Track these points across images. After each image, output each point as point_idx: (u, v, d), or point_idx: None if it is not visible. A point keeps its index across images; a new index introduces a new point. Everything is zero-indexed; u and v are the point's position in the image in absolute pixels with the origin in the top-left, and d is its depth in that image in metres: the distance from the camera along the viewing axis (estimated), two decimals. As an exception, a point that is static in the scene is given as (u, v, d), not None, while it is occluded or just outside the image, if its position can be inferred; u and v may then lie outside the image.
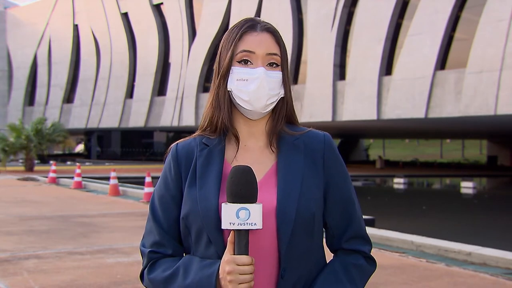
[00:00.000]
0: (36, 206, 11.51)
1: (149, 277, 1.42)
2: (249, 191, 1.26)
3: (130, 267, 5.84)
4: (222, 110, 1.44)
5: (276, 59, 1.42)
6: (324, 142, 1.46)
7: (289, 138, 1.45)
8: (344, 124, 25.98)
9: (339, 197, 1.45)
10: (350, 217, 1.46)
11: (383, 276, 5.54)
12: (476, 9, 19.65)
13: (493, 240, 8.64)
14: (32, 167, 25.03)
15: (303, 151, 1.44)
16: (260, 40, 1.42)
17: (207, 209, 1.35)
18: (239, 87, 1.40)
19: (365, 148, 56.59)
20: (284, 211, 1.35)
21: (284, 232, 1.34)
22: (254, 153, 1.45)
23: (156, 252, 1.43)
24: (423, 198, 19.49)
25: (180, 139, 1.51)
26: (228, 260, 1.26)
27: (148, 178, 13.41)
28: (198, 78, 30.99)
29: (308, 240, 1.38)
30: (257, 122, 1.46)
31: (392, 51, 22.69)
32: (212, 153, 1.43)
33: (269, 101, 1.40)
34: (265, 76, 1.39)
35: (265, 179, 1.40)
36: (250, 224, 1.24)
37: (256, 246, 1.34)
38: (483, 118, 19.98)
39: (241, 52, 1.41)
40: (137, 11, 35.66)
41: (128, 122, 35.96)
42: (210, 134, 1.47)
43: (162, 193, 1.46)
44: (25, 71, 44.59)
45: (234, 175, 1.27)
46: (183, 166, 1.44)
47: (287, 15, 25.93)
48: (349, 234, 1.46)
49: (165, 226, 1.43)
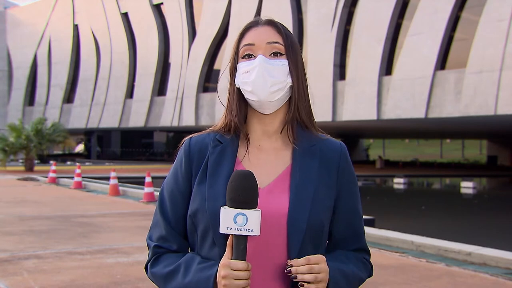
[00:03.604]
0: (36, 206, 11.51)
1: (151, 271, 1.43)
2: (248, 196, 1.24)
3: (130, 267, 5.84)
4: (233, 110, 1.43)
5: (278, 47, 1.40)
6: (340, 152, 1.45)
7: (306, 144, 1.43)
8: (344, 124, 25.98)
9: (347, 209, 1.44)
10: (354, 230, 1.46)
11: (383, 276, 5.53)
12: (476, 9, 19.65)
13: (493, 240, 8.64)
14: (32, 167, 25.03)
15: (318, 158, 1.42)
16: (260, 32, 1.42)
17: (214, 210, 1.33)
18: (244, 80, 1.39)
19: (365, 148, 56.62)
20: (295, 219, 1.33)
21: (295, 241, 1.32)
22: (268, 154, 1.43)
23: (160, 247, 1.43)
24: (423, 198, 19.48)
25: (194, 133, 1.49)
26: (224, 264, 1.25)
27: (148, 178, 13.40)
28: (198, 78, 30.99)
29: (314, 250, 1.36)
30: (272, 120, 1.43)
31: (392, 51, 22.69)
32: (225, 151, 1.42)
33: (273, 88, 1.37)
34: (264, 63, 1.37)
35: (276, 182, 1.38)
36: (247, 230, 1.23)
37: (264, 252, 1.33)
38: (483, 118, 19.98)
39: (243, 47, 1.41)
40: (137, 11, 35.65)
41: (128, 122, 35.95)
42: (225, 133, 1.45)
43: (171, 188, 1.45)
44: (25, 71, 44.59)
45: (234, 179, 1.25)
46: (195, 162, 1.43)
47: (287, 15, 25.92)
48: (351, 247, 1.46)
49: (172, 221, 1.43)
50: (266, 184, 1.38)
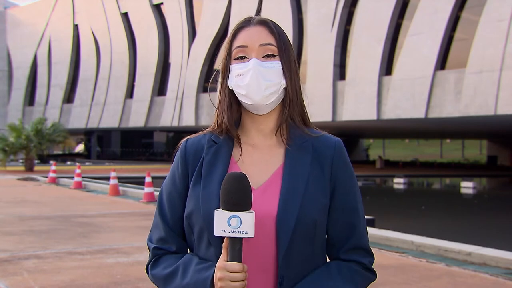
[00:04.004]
0: (36, 206, 11.51)
1: (152, 273, 1.44)
2: (241, 199, 1.24)
3: (130, 267, 5.84)
4: (224, 112, 1.43)
5: (271, 49, 1.39)
6: (334, 148, 1.43)
7: (299, 140, 1.43)
8: (344, 124, 25.98)
9: (343, 206, 1.41)
10: (352, 228, 1.42)
11: (383, 276, 5.53)
12: (476, 9, 19.65)
13: (493, 240, 8.64)
14: (32, 167, 25.03)
15: (311, 155, 1.41)
16: (252, 33, 1.40)
17: (208, 211, 1.33)
18: (237, 83, 1.39)
19: (365, 148, 56.62)
20: (284, 218, 1.32)
21: (283, 239, 1.32)
22: (262, 153, 1.43)
23: (160, 249, 1.44)
24: (423, 198, 19.48)
25: (191, 135, 1.50)
26: (220, 266, 1.25)
27: (148, 178, 13.40)
28: (198, 78, 30.99)
29: (307, 247, 1.36)
30: (265, 119, 1.43)
31: (392, 51, 22.69)
32: (219, 151, 1.42)
33: (268, 91, 1.37)
34: (257, 66, 1.36)
35: (270, 181, 1.38)
36: (241, 232, 1.23)
37: (256, 252, 1.33)
38: (483, 118, 19.98)
39: (236, 49, 1.40)
40: (137, 11, 35.65)
41: (128, 122, 35.95)
42: (219, 133, 1.46)
43: (169, 189, 1.46)
44: (25, 71, 44.58)
45: (227, 182, 1.25)
46: (191, 163, 1.43)
47: (287, 15, 25.93)
48: (349, 245, 1.42)
49: (171, 223, 1.44)
50: (261, 183, 1.38)
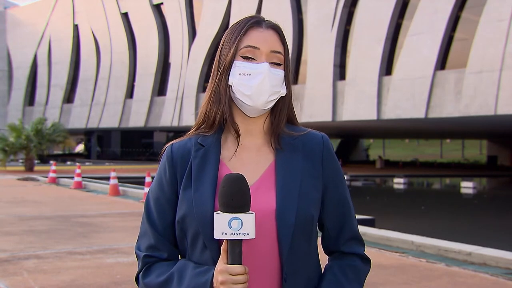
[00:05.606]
0: (36, 206, 11.51)
1: (144, 282, 1.41)
2: (241, 200, 1.23)
3: (130, 267, 5.84)
4: (222, 104, 1.40)
5: (279, 57, 1.40)
6: (322, 143, 1.45)
7: (288, 138, 1.43)
8: (344, 124, 25.98)
9: (337, 198, 1.44)
10: (345, 218, 1.45)
11: (383, 276, 5.53)
12: (476, 9, 19.65)
13: (493, 240, 8.64)
14: (32, 167, 25.04)
15: (301, 152, 1.42)
16: (265, 36, 1.40)
17: (202, 214, 1.32)
18: (242, 81, 1.37)
19: (365, 148, 56.59)
20: (284, 214, 1.33)
21: (285, 236, 1.32)
22: (251, 151, 1.43)
23: (151, 256, 1.41)
24: (423, 198, 19.48)
25: (175, 139, 1.47)
26: (221, 270, 1.24)
27: (148, 178, 13.41)
28: (198, 78, 30.99)
29: (306, 243, 1.37)
30: (255, 120, 1.43)
31: (392, 51, 22.69)
32: (207, 154, 1.40)
33: (271, 97, 1.38)
34: (269, 72, 1.36)
35: (262, 180, 1.38)
36: (242, 233, 1.22)
37: (255, 251, 1.32)
38: (483, 118, 19.98)
39: (246, 48, 1.38)
40: (137, 11, 35.66)
41: (128, 122, 35.96)
42: (206, 131, 1.43)
43: (157, 196, 1.43)
44: (25, 71, 44.58)
45: (225, 184, 1.23)
46: (179, 168, 1.41)
47: (287, 15, 25.93)
48: (345, 235, 1.45)
49: (160, 229, 1.41)
50: (252, 182, 1.37)
